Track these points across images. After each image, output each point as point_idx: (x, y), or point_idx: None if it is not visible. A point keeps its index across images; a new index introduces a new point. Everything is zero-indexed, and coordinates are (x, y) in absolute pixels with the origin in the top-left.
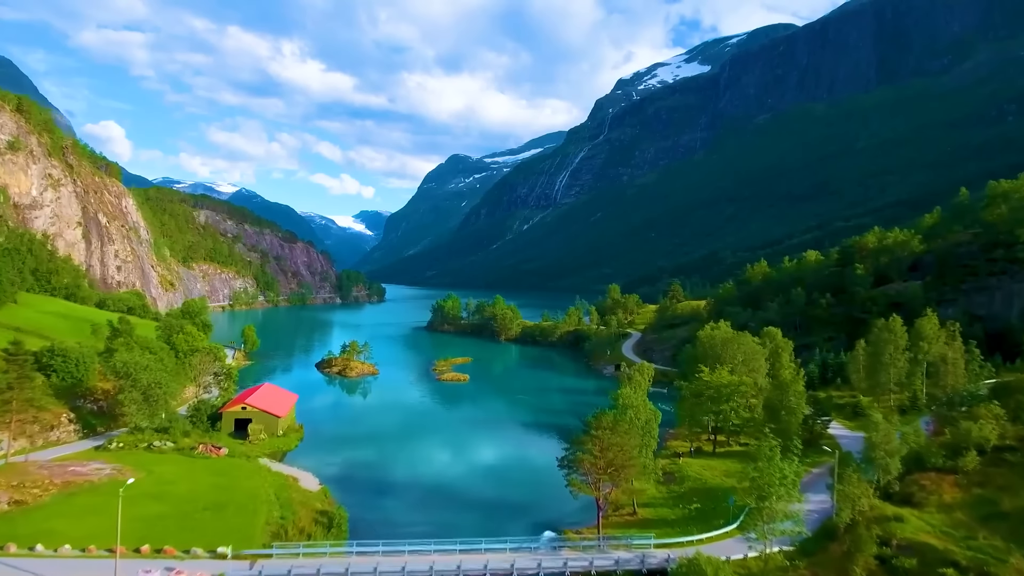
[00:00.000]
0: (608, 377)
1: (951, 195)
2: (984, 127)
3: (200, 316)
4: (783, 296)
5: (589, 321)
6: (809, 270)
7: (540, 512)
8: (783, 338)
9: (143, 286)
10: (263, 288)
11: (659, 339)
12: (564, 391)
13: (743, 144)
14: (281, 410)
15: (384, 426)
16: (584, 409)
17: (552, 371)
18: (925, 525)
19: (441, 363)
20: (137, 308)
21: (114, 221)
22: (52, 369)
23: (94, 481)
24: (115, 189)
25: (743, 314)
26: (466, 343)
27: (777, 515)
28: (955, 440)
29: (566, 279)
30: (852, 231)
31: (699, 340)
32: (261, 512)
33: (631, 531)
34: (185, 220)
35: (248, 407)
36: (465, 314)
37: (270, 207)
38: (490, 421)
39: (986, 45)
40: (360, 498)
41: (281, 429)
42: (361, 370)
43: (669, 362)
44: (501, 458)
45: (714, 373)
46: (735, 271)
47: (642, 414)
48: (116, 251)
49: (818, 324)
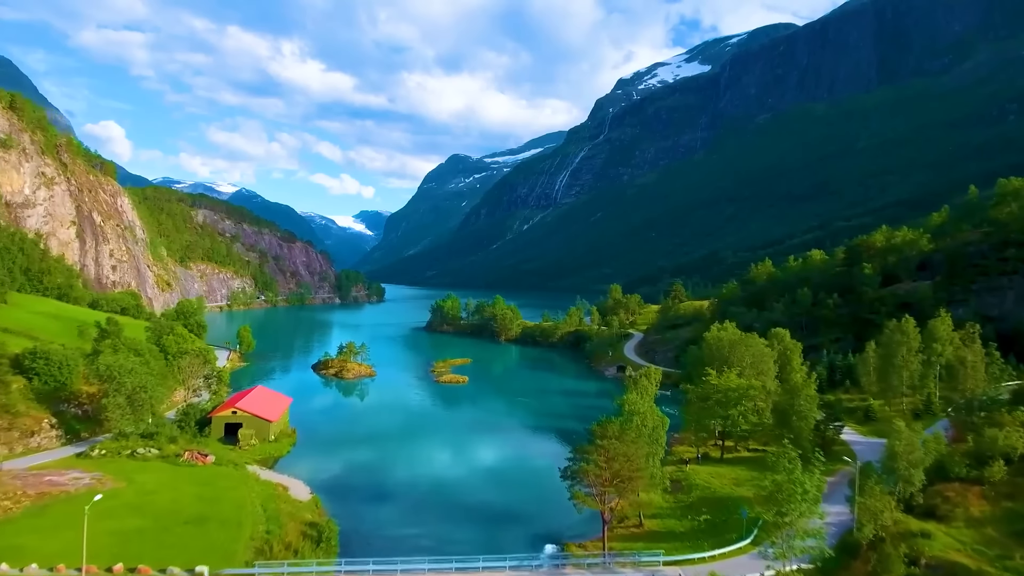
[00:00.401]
0: (610, 378)
1: (952, 195)
2: (985, 127)
3: (195, 316)
4: (788, 296)
5: (590, 321)
6: (815, 270)
7: (541, 522)
8: (791, 340)
9: (139, 286)
10: (261, 288)
11: (661, 340)
12: (565, 393)
13: (743, 144)
14: (273, 414)
15: (380, 430)
16: (586, 412)
17: (552, 372)
18: (954, 542)
19: (440, 364)
20: (131, 308)
21: (109, 220)
22: (34, 372)
23: (71, 492)
24: (110, 188)
25: (747, 314)
26: (465, 344)
27: (798, 533)
28: (979, 448)
29: (566, 279)
30: (853, 231)
31: (705, 342)
32: (246, 526)
33: (638, 545)
34: (183, 219)
35: (239, 411)
36: (465, 314)
37: (270, 207)
38: (489, 425)
39: (986, 45)
40: (353, 507)
41: (273, 434)
42: (358, 372)
43: (672, 363)
44: (501, 464)
45: (722, 376)
46: (736, 271)
47: (649, 420)
48: (111, 250)
49: (824, 325)
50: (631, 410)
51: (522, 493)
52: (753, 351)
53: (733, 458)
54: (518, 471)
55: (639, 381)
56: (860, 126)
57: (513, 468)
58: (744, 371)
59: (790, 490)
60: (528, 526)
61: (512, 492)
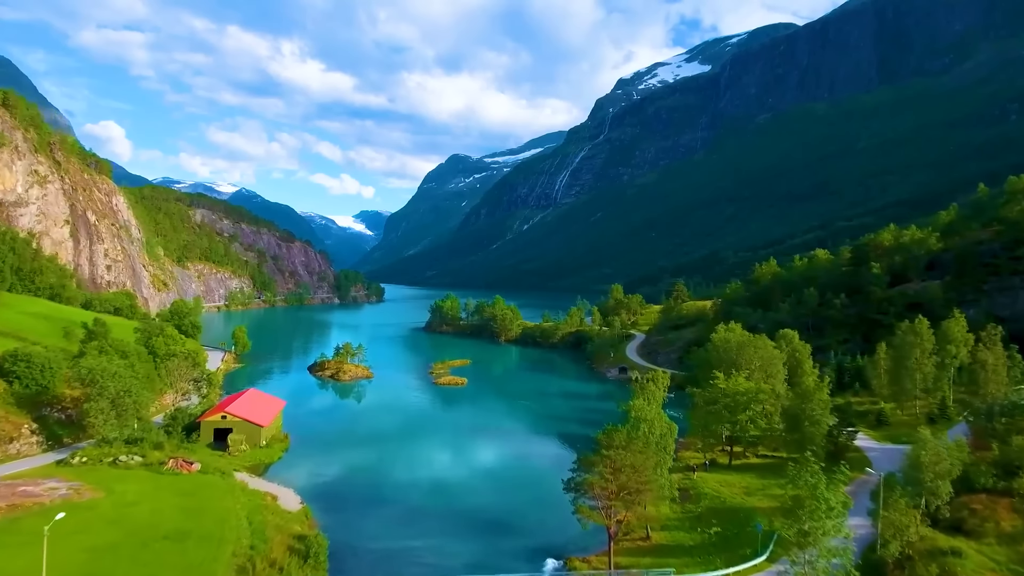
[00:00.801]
0: (612, 380)
1: (954, 195)
2: (986, 127)
3: (189, 317)
4: (795, 296)
5: (591, 322)
6: (821, 269)
7: (543, 534)
8: (799, 341)
9: (134, 286)
10: (260, 288)
11: (664, 341)
12: (566, 396)
13: (743, 144)
14: (265, 419)
15: (375, 434)
16: (588, 415)
17: (553, 374)
18: (988, 561)
19: (438, 366)
20: (124, 309)
21: (104, 219)
22: (15, 375)
23: (45, 503)
24: (105, 187)
25: (752, 315)
26: (465, 344)
27: (821, 552)
28: (1006, 457)
29: (566, 279)
30: (855, 230)
31: (712, 343)
32: (228, 541)
33: (646, 561)
34: (180, 219)
35: (229, 416)
36: (464, 315)
37: (270, 207)
38: (489, 429)
39: (988, 44)
40: (345, 517)
41: (264, 439)
42: (355, 374)
43: (675, 364)
44: (500, 470)
45: (730, 380)
46: (737, 271)
47: (657, 428)
48: (106, 250)
49: (832, 326)
50: (638, 417)
51: (523, 501)
52: (762, 353)
53: (742, 464)
54: (519, 477)
55: (646, 386)
56: (861, 126)
57: (513, 474)
58: (752, 374)
59: (813, 506)
60: (529, 537)
61: (513, 499)
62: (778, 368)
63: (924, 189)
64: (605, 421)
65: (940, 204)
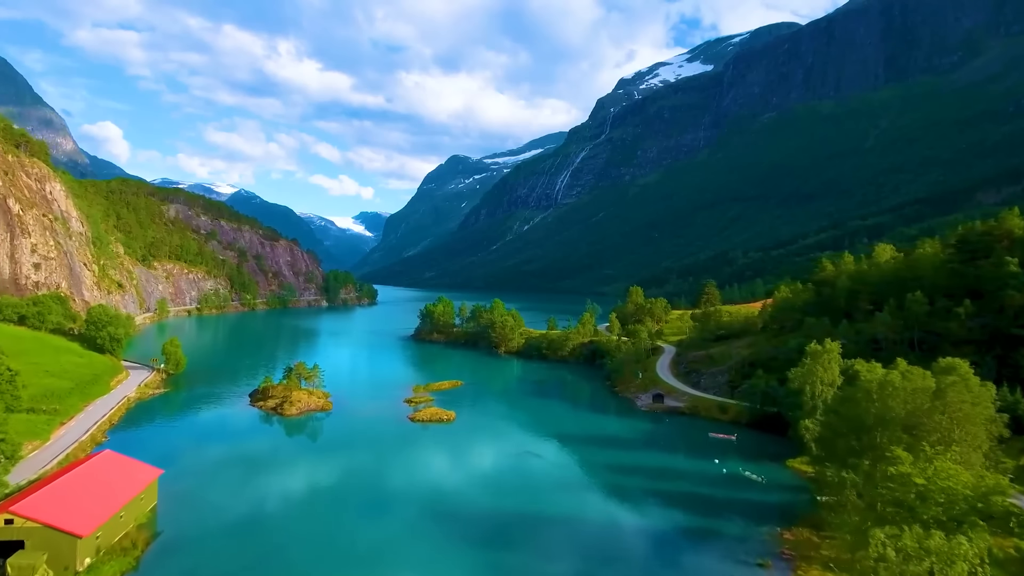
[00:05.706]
0: (645, 412)
1: (972, 192)
2: (999, 124)
3: (109, 327)
4: (893, 302)
5: (606, 330)
6: (927, 266)
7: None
8: (977, 378)
9: (71, 288)
10: (238, 290)
11: (707, 358)
12: (589, 441)
13: (748, 143)
14: (90, 519)
15: (299, 524)
16: (626, 480)
17: (566, 401)
18: None
19: (421, 389)
20: (32, 317)
21: (31, 209)
22: None
23: None
24: (36, 171)
25: (831, 328)
26: (458, 357)
27: None
28: None
29: (567, 280)
30: (870, 230)
31: (859, 387)
32: None
33: None
34: (148, 214)
35: (16, 519)
36: (459, 321)
37: (269, 208)
38: (481, 515)
39: (997, 41)
40: None
41: (87, 556)
42: (306, 404)
43: (725, 390)
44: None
45: (925, 463)
46: (747, 271)
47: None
48: (33, 245)
49: (950, 343)
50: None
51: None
52: (960, 408)
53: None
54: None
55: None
56: (869, 124)
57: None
58: (946, 447)
59: None
60: None
61: None
62: (979, 430)
63: (940, 187)
64: (662, 494)
65: (960, 202)
